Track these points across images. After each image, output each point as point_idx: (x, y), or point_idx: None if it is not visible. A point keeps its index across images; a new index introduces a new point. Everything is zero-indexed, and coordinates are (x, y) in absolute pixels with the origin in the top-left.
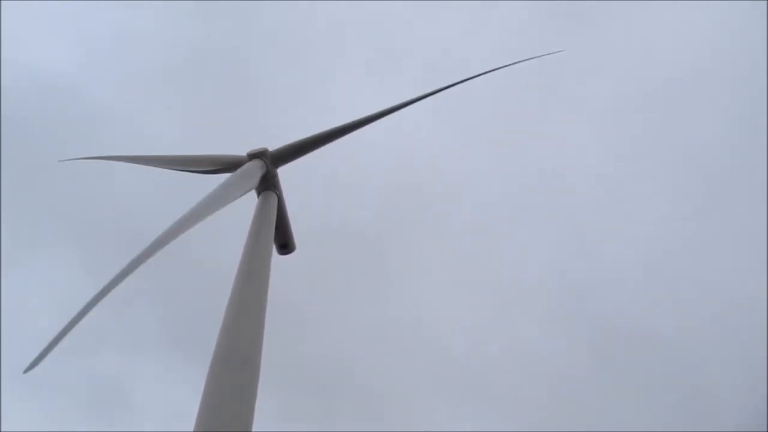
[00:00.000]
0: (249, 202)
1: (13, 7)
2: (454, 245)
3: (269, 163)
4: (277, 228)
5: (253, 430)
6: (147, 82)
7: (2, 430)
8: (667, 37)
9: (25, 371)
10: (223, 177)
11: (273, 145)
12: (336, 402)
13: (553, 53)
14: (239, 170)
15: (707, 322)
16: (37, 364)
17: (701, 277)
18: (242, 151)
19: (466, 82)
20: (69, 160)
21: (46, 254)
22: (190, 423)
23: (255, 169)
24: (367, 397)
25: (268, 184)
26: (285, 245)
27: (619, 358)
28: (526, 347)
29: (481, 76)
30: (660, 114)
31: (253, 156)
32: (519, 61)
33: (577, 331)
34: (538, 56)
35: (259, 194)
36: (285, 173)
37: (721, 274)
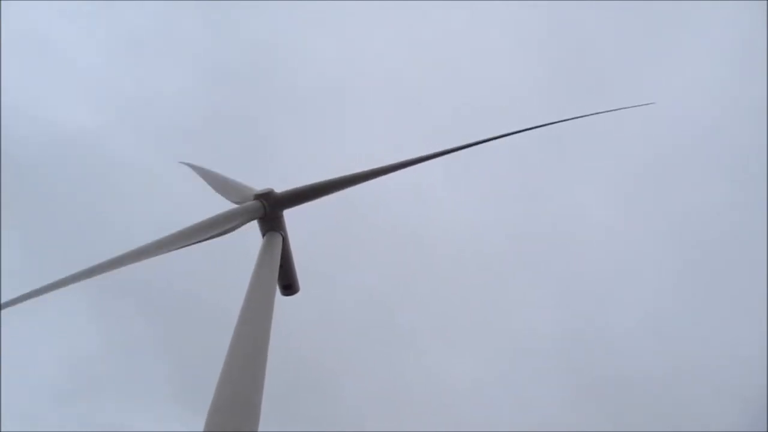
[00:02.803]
0: (254, 241)
1: (37, 64)
2: (463, 304)
3: (272, 205)
4: (281, 268)
5: None
6: (164, 139)
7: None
8: (673, 103)
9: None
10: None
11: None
12: None
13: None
14: (235, 208)
15: (711, 379)
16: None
17: (705, 336)
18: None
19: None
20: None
21: (54, 304)
22: None
23: (248, 210)
24: None
25: (273, 225)
26: (289, 286)
27: (626, 415)
28: (532, 404)
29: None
30: (666, 177)
31: (259, 196)
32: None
33: (584, 389)
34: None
35: (264, 234)
36: (296, 218)
37: (724, 333)
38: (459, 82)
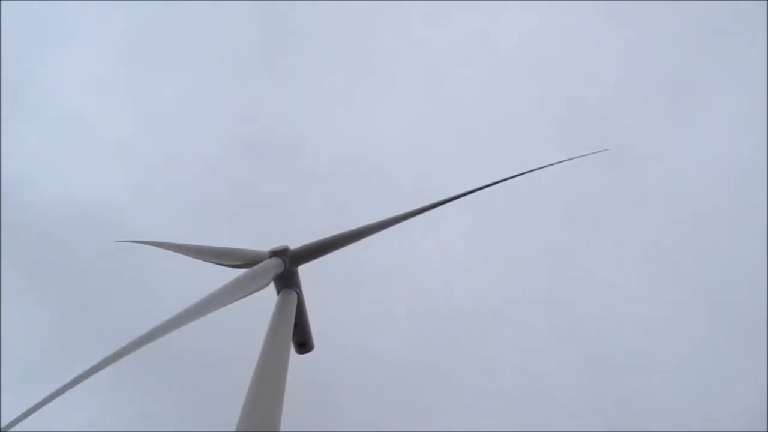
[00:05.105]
0: (269, 299)
1: (64, 138)
2: (487, 370)
3: (289, 261)
4: (295, 326)
5: None
6: (190, 212)
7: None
8: (698, 164)
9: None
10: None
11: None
12: None
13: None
14: (255, 267)
15: None
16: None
17: (734, 399)
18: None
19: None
20: (123, 241)
21: (88, 361)
22: None
23: (270, 267)
24: None
25: (288, 282)
26: (303, 344)
27: None
28: None
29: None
30: (692, 240)
31: (274, 253)
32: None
33: None
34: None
35: (279, 292)
36: (313, 280)
37: (753, 396)
38: (482, 153)
